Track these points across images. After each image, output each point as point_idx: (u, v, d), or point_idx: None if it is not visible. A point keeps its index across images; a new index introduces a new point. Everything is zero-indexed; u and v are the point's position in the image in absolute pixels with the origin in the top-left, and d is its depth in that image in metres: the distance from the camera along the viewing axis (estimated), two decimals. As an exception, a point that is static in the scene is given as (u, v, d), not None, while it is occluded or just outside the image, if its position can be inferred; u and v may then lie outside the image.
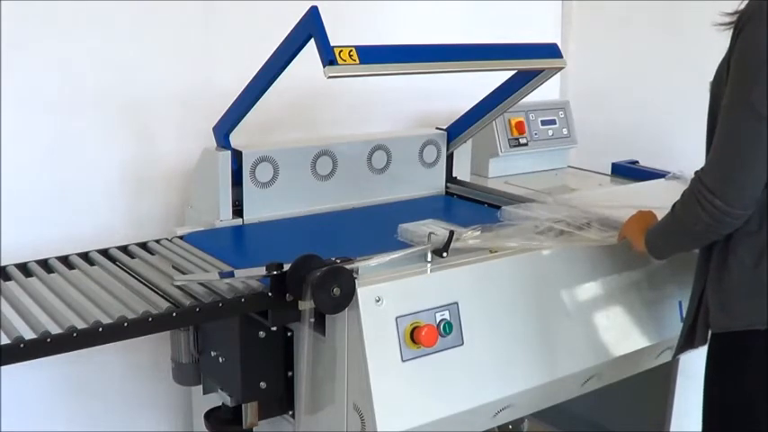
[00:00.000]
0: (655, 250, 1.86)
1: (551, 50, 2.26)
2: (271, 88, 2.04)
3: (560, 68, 2.28)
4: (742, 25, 1.59)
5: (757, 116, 1.54)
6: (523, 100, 2.45)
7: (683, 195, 1.69)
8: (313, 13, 1.83)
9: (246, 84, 2.08)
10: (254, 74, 2.04)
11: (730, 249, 1.70)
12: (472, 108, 2.55)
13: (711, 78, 1.73)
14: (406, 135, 2.65)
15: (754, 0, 1.60)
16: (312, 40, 1.84)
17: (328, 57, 1.80)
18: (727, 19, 1.65)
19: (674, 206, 1.73)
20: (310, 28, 1.84)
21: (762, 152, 1.55)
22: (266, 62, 2.00)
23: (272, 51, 1.98)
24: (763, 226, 1.66)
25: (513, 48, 2.26)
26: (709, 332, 1.79)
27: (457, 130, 2.62)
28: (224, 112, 2.19)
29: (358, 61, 1.84)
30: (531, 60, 2.25)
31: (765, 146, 1.55)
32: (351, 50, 1.82)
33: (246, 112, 2.13)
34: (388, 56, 1.96)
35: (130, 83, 2.35)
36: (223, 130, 2.21)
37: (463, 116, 2.58)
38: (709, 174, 1.61)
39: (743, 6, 1.63)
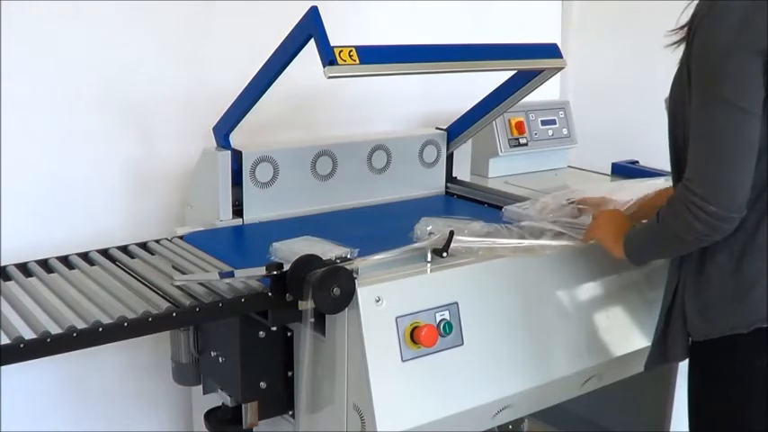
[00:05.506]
0: (634, 257, 1.80)
1: (551, 50, 2.26)
2: (271, 88, 2.05)
3: (560, 68, 2.28)
4: (697, 23, 1.55)
5: (734, 109, 1.48)
6: (523, 100, 2.46)
7: (669, 204, 1.61)
8: (313, 13, 1.83)
9: (246, 84, 2.08)
10: (255, 74, 2.04)
11: (707, 256, 1.64)
12: (472, 108, 2.55)
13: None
14: (406, 135, 2.64)
15: (702, 1, 1.57)
16: (312, 40, 1.84)
17: (328, 57, 1.80)
18: (676, 37, 1.63)
19: (659, 214, 1.64)
20: (310, 28, 1.84)
21: (747, 145, 1.49)
22: (266, 62, 2.00)
23: (272, 51, 1.98)
24: (738, 229, 1.57)
25: (513, 48, 2.26)
26: (690, 341, 1.73)
27: (457, 130, 2.62)
28: (224, 112, 2.19)
29: (358, 61, 1.84)
30: (532, 60, 2.25)
31: (749, 138, 1.49)
32: (351, 50, 1.82)
33: (246, 112, 2.13)
34: (388, 56, 1.97)
35: (130, 83, 2.35)
36: (223, 130, 2.21)
37: (463, 116, 2.58)
38: (696, 180, 1.53)
39: (687, 17, 1.60)
